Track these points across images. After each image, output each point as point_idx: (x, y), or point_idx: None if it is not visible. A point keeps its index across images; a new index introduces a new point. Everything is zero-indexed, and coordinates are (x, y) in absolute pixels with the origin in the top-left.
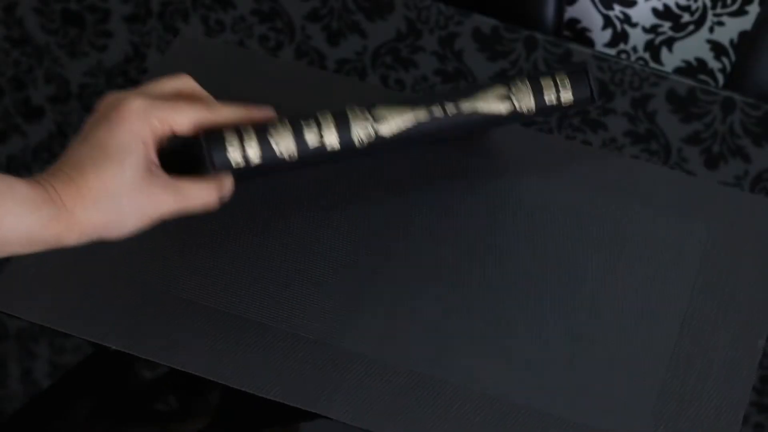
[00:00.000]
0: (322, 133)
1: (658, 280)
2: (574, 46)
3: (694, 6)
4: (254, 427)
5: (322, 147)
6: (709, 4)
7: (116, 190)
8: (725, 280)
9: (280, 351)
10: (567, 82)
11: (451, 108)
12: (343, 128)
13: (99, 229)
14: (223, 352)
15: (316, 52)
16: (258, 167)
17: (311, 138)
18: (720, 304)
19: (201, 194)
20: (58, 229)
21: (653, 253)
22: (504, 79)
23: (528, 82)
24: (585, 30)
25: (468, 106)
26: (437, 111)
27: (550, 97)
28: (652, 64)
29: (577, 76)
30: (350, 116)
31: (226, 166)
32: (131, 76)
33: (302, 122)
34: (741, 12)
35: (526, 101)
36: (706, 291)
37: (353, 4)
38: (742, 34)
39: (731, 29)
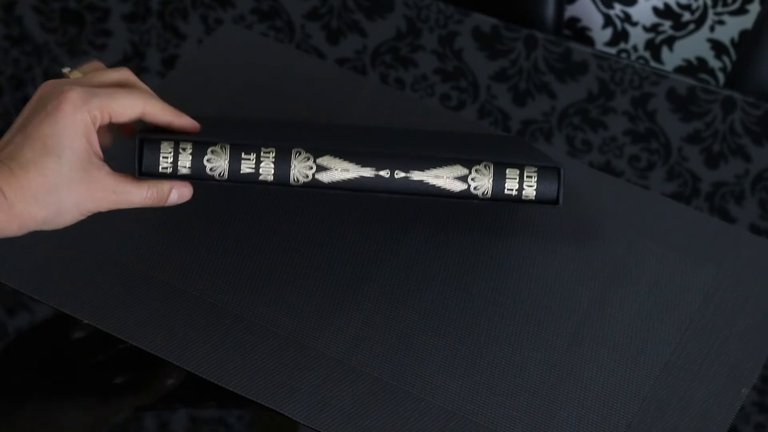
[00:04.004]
0: (259, 165)
1: (650, 319)
2: (574, 45)
3: (694, 5)
4: (197, 402)
5: (254, 175)
6: (709, 2)
7: (56, 184)
8: (721, 326)
9: (248, 343)
10: (535, 178)
11: (399, 174)
12: (281, 166)
13: (39, 221)
14: (191, 338)
15: (316, 50)
16: (187, 177)
17: (246, 167)
18: (709, 351)
19: (140, 195)
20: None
21: (653, 291)
22: (469, 161)
23: (492, 167)
24: (585, 29)
25: (418, 176)
26: (384, 173)
27: (510, 188)
28: (653, 63)
29: (548, 173)
30: (293, 156)
31: (152, 174)
32: None
33: (242, 153)
34: (742, 11)
35: (483, 186)
36: (698, 337)
37: (353, 2)
38: (743, 33)
39: (732, 28)
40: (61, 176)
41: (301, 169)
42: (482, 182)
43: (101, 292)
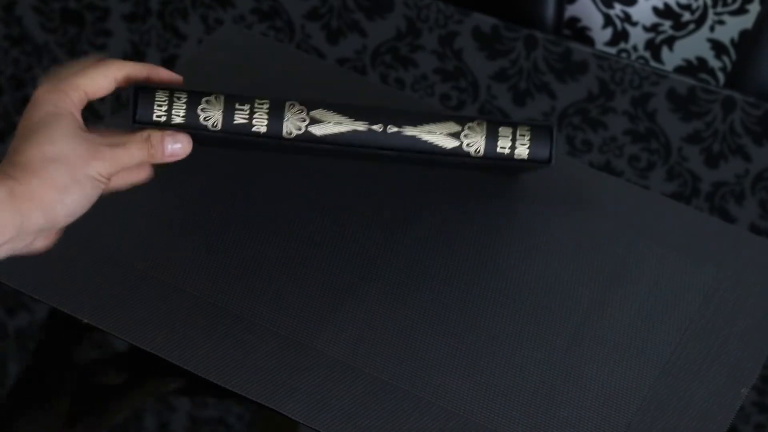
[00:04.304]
0: (253, 116)
1: (650, 319)
2: (574, 45)
3: (694, 5)
4: (197, 402)
5: (248, 126)
6: (709, 2)
7: (56, 152)
8: (721, 326)
9: (248, 343)
10: (528, 137)
11: (392, 129)
12: (275, 117)
13: (60, 195)
14: (191, 337)
15: (316, 50)
16: (181, 126)
17: (240, 117)
18: (709, 351)
19: (136, 143)
20: (19, 204)
21: (653, 291)
22: (462, 118)
23: (485, 125)
24: (585, 29)
25: (411, 131)
26: (377, 127)
27: (503, 146)
28: (653, 63)
29: (540, 132)
30: (286, 108)
31: (147, 122)
32: None
33: (236, 104)
34: (741, 11)
35: (476, 144)
36: (698, 337)
37: (353, 2)
38: (743, 33)
39: (732, 28)
40: (56, 145)
41: (294, 121)
42: (475, 140)
43: (101, 292)
